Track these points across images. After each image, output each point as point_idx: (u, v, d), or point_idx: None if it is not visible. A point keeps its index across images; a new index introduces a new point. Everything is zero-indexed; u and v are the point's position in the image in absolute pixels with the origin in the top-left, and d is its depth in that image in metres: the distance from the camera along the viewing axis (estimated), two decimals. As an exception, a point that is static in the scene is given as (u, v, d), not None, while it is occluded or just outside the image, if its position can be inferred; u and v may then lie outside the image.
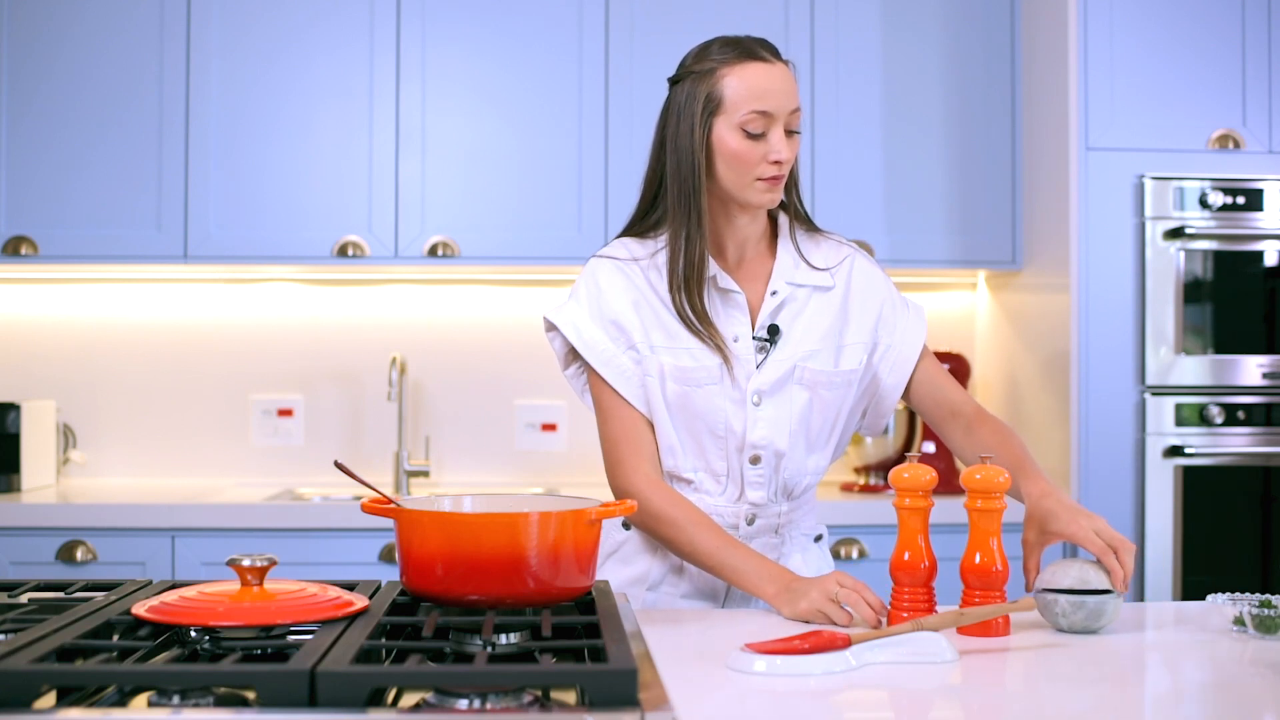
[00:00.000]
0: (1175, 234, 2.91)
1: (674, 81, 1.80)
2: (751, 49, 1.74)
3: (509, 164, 3.13)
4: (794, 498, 1.84)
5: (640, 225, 1.84)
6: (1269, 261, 2.96)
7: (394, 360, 3.22)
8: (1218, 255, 2.94)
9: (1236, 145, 2.94)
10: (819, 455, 1.85)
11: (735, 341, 1.78)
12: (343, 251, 3.09)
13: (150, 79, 3.08)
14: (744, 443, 1.78)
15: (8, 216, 3.07)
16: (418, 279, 3.39)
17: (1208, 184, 2.93)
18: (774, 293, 1.80)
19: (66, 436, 3.33)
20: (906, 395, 1.87)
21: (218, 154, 3.09)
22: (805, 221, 1.88)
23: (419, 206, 3.11)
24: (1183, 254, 2.93)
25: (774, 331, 1.79)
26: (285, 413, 3.39)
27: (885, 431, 1.89)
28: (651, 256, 1.81)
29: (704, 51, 1.77)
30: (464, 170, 3.13)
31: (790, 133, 1.74)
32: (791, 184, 1.85)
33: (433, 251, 3.10)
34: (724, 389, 1.77)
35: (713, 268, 1.79)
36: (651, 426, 1.79)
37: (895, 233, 3.20)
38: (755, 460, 1.78)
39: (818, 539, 1.92)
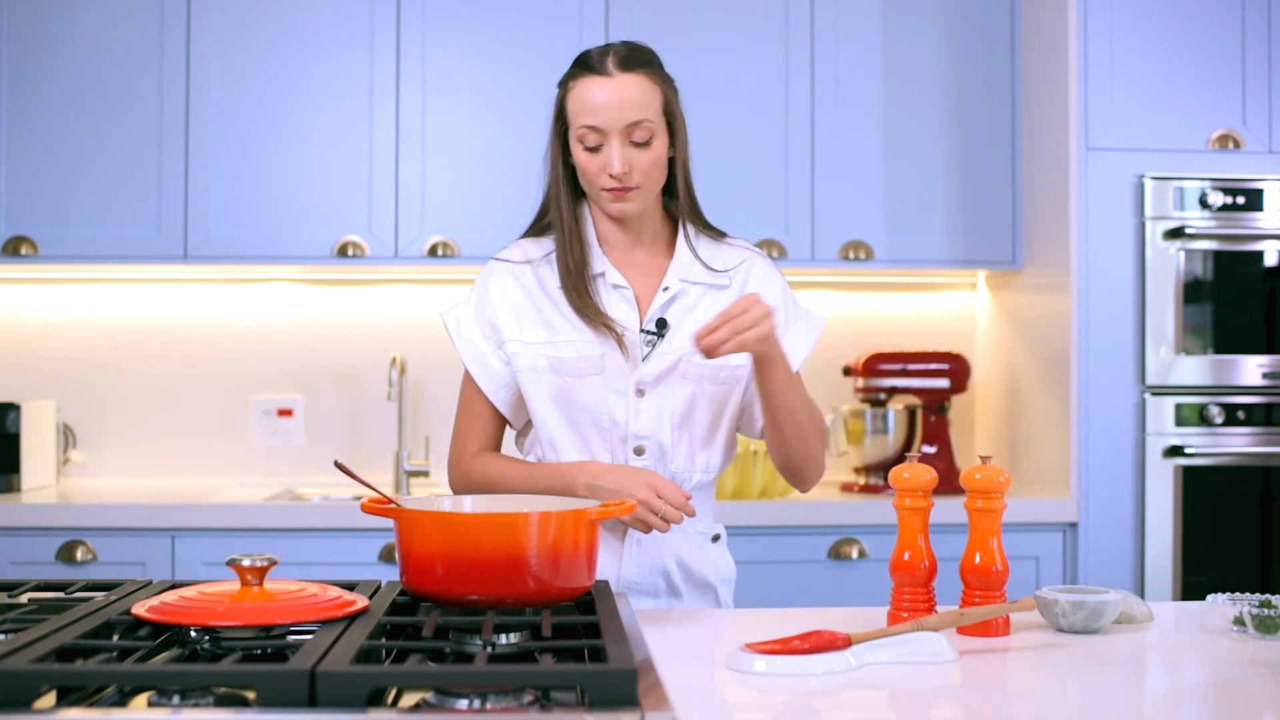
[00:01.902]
0: (1175, 234, 2.91)
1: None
2: (593, 62, 1.79)
3: (509, 164, 3.13)
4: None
5: (537, 226, 1.92)
6: (1269, 261, 2.96)
7: (394, 360, 3.22)
8: (1218, 255, 2.94)
9: (1236, 145, 2.94)
10: (708, 453, 1.87)
11: (623, 335, 1.82)
12: (343, 251, 3.09)
13: (150, 79, 3.08)
14: (627, 434, 1.82)
15: (8, 216, 3.07)
16: (418, 279, 3.39)
17: (1208, 184, 2.93)
18: (666, 288, 1.85)
19: (66, 436, 3.33)
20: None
21: (218, 154, 3.09)
22: (704, 225, 1.92)
23: (419, 206, 3.11)
24: (1183, 254, 2.93)
25: (662, 325, 1.83)
26: (285, 413, 3.39)
27: (760, 435, 1.90)
28: (545, 257, 1.88)
29: (573, 61, 1.84)
30: (464, 170, 3.13)
31: (638, 144, 1.78)
32: (682, 190, 1.88)
33: (433, 251, 3.10)
34: (606, 380, 1.81)
35: (603, 264, 1.85)
36: (501, 426, 1.89)
37: (895, 233, 3.20)
38: (639, 452, 1.82)
39: (715, 538, 1.93)
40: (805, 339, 1.89)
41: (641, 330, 1.83)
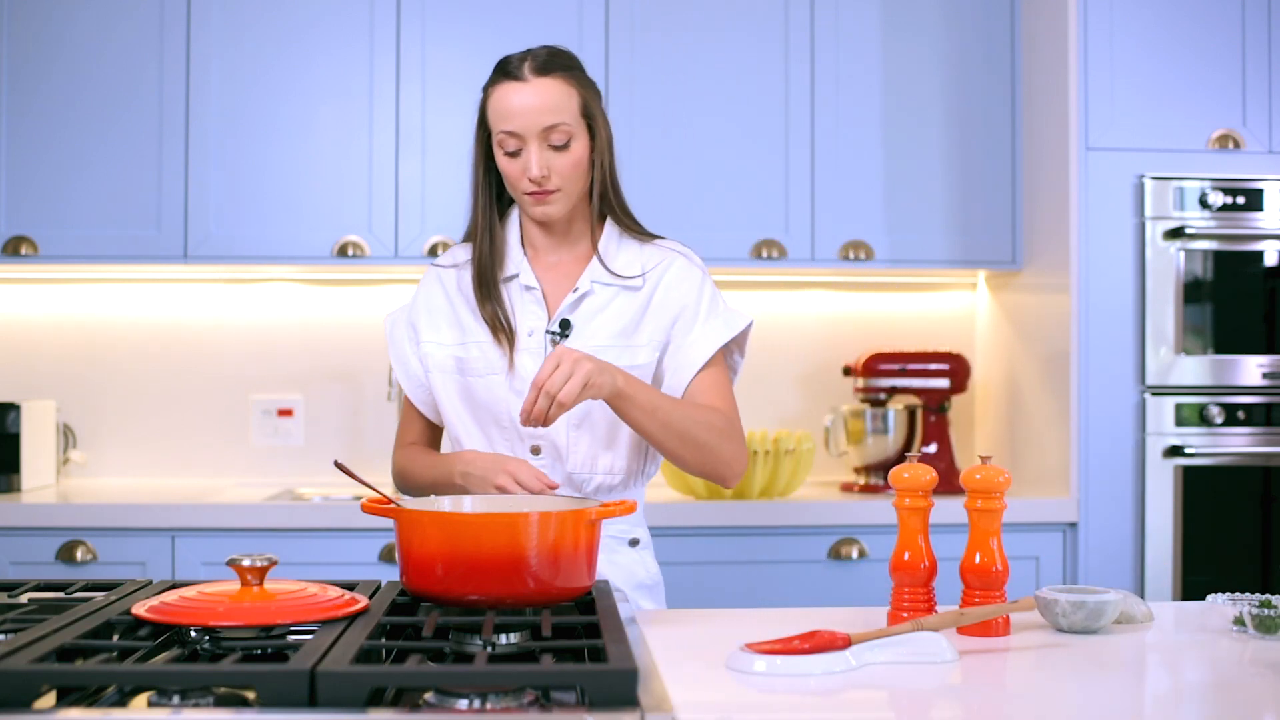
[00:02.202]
0: (1175, 234, 2.91)
1: None
2: (509, 68, 1.82)
3: (509, 164, 3.13)
4: (587, 495, 1.86)
5: (467, 231, 1.96)
6: (1269, 261, 2.96)
7: (394, 360, 3.21)
8: (1218, 255, 2.94)
9: (1236, 145, 2.94)
10: (612, 455, 1.87)
11: (529, 335, 1.86)
12: (343, 251, 3.09)
13: (150, 79, 3.08)
14: (524, 432, 1.85)
15: (8, 216, 3.07)
16: (418, 279, 3.38)
17: (1208, 184, 2.93)
18: (575, 289, 1.87)
19: (66, 436, 3.33)
20: None
21: (218, 154, 3.09)
22: (631, 226, 1.92)
23: (419, 206, 3.11)
24: (1183, 254, 2.93)
25: (565, 326, 1.86)
26: (285, 413, 3.39)
27: None
28: (462, 255, 1.94)
29: (494, 68, 1.86)
30: (464, 170, 3.10)
31: (557, 147, 1.80)
32: (597, 191, 1.88)
33: (433, 251, 3.10)
34: (507, 380, 1.85)
35: (517, 266, 1.89)
36: (425, 420, 1.98)
37: (895, 233, 3.20)
38: (536, 451, 1.86)
39: (634, 542, 1.92)
40: (713, 336, 1.88)
41: (546, 331, 1.86)
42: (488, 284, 1.87)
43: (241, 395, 3.39)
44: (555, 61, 1.82)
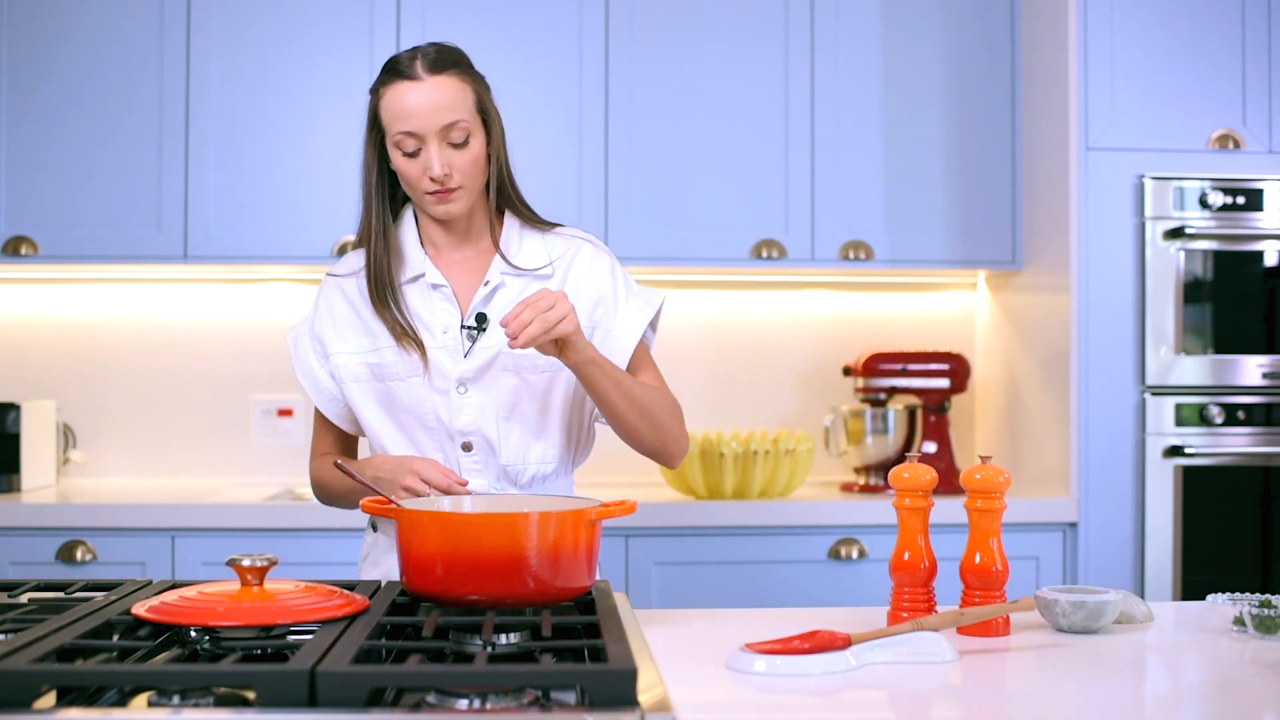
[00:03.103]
0: (1175, 234, 2.91)
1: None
2: (401, 67, 1.80)
3: (509, 164, 3.13)
4: (522, 486, 1.86)
5: (360, 236, 1.93)
6: (1269, 261, 2.96)
7: (394, 360, 3.21)
8: (1218, 255, 2.94)
9: (1236, 145, 2.94)
10: (543, 444, 1.87)
11: (444, 333, 1.85)
12: (342, 251, 3.09)
13: (150, 79, 3.08)
14: (452, 431, 1.84)
15: (8, 216, 3.07)
16: (418, 279, 3.38)
17: (1208, 184, 2.93)
18: (486, 283, 1.86)
19: (66, 436, 3.33)
20: None
21: (218, 154, 3.09)
22: (530, 217, 1.92)
23: (419, 206, 3.11)
24: (1183, 254, 2.93)
25: (481, 320, 1.85)
26: (285, 413, 3.39)
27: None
28: (359, 263, 1.90)
29: (382, 67, 1.84)
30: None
31: (456, 145, 1.79)
32: (494, 184, 1.87)
33: (433, 251, 3.09)
34: (429, 380, 1.84)
35: (421, 266, 1.87)
36: (337, 430, 1.95)
37: (895, 233, 3.20)
38: (468, 448, 1.85)
39: None
40: (638, 317, 1.90)
41: (462, 326, 1.85)
42: (384, 288, 1.84)
43: (241, 395, 3.39)
44: (446, 58, 1.81)
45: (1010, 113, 3.22)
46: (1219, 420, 2.92)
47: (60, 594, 1.53)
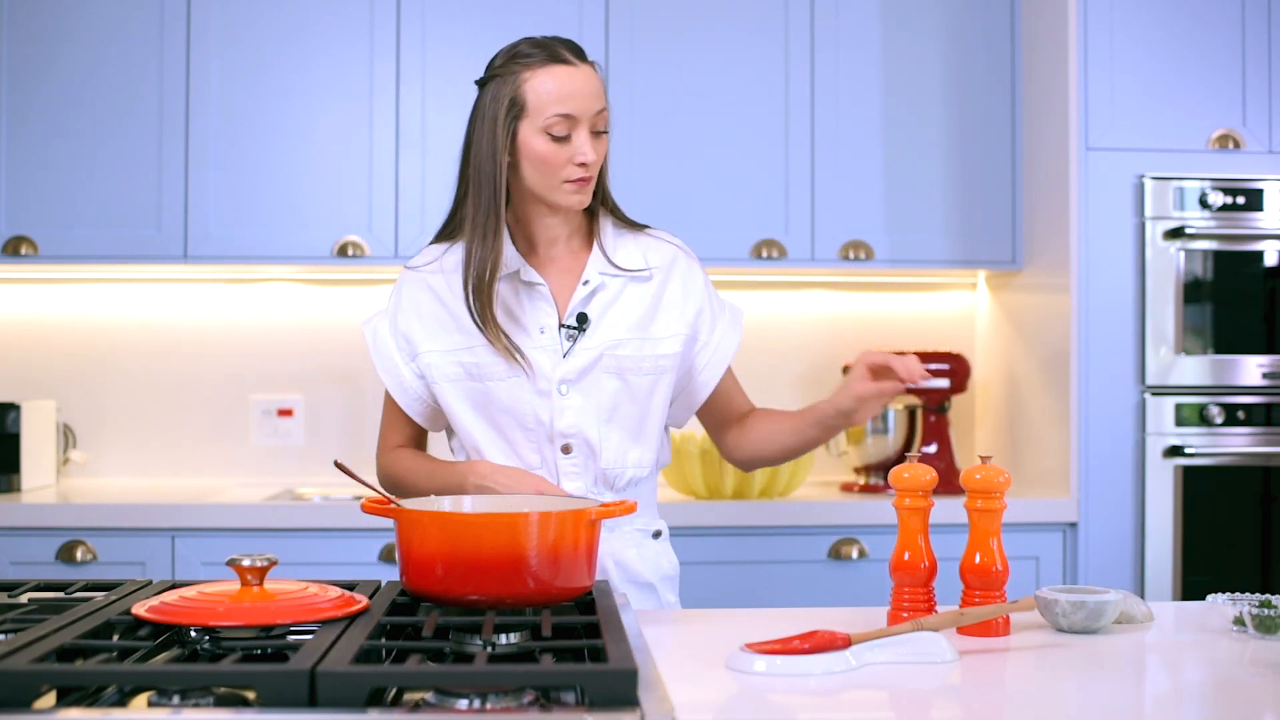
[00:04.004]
0: (1175, 234, 2.91)
1: (481, 84, 1.83)
2: (555, 51, 1.77)
3: (509, 164, 3.13)
4: (618, 490, 1.85)
5: (448, 228, 1.89)
6: (1269, 261, 2.96)
7: (394, 360, 3.21)
8: (1218, 255, 2.94)
9: (1236, 145, 2.94)
10: (640, 448, 1.85)
11: (542, 333, 1.81)
12: (343, 251, 3.09)
13: (150, 80, 3.08)
14: (553, 432, 1.80)
15: (8, 216, 3.07)
16: (418, 279, 3.38)
17: (1208, 184, 2.93)
18: (585, 282, 1.83)
19: (66, 436, 3.33)
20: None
21: (218, 154, 3.09)
22: (622, 218, 1.91)
23: (419, 206, 3.11)
24: (1183, 254, 2.93)
25: (582, 320, 1.82)
26: (285, 413, 3.39)
27: (682, 425, 1.95)
28: (446, 256, 1.86)
29: (509, 54, 1.80)
30: (464, 170, 3.12)
31: (598, 133, 1.78)
32: (603, 181, 1.87)
33: (433, 251, 3.09)
34: (527, 381, 1.80)
35: (517, 263, 1.82)
36: (413, 424, 1.90)
37: (895, 233, 3.20)
38: (567, 450, 1.81)
39: (656, 534, 1.92)
40: (733, 330, 1.92)
41: (562, 326, 1.82)
42: (489, 290, 1.78)
43: (241, 395, 3.39)
44: (582, 50, 1.81)
45: (1010, 113, 3.22)
46: (1219, 420, 2.92)
47: (60, 594, 1.53)
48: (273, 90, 3.11)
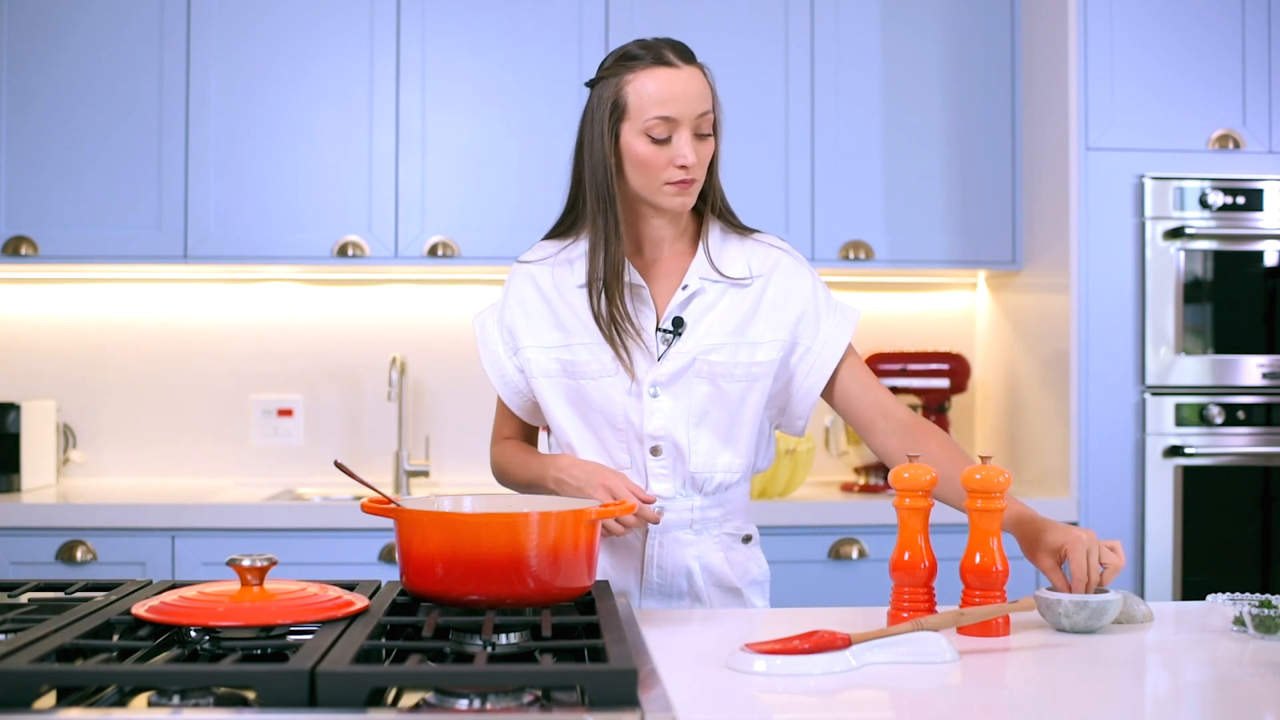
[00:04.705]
0: (1175, 234, 2.91)
1: (590, 85, 1.82)
2: (658, 53, 1.76)
3: (509, 164, 3.13)
4: (707, 494, 1.84)
5: (560, 226, 1.89)
6: (1269, 261, 2.96)
7: (394, 360, 3.22)
8: (1218, 255, 2.94)
9: (1236, 145, 2.94)
10: (731, 453, 1.84)
11: (640, 335, 1.81)
12: (343, 251, 3.09)
13: (150, 79, 3.08)
14: (642, 434, 1.81)
15: (8, 216, 3.07)
16: (418, 279, 3.39)
17: (1208, 184, 2.93)
18: (685, 286, 1.83)
19: (66, 436, 3.33)
20: (830, 398, 1.88)
21: (218, 154, 3.09)
22: (732, 221, 1.89)
23: (419, 206, 3.11)
24: (1183, 254, 2.93)
25: (678, 324, 1.82)
26: (285, 413, 3.39)
27: (801, 433, 1.93)
28: (559, 254, 1.86)
29: (618, 56, 1.79)
30: (464, 170, 3.13)
31: (703, 135, 1.77)
32: (712, 184, 1.86)
33: (432, 251, 3.10)
34: (620, 381, 1.80)
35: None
36: (523, 422, 1.93)
37: (895, 233, 3.20)
38: (656, 452, 1.81)
39: (746, 539, 1.92)
40: (841, 332, 1.86)
41: (658, 329, 1.81)
42: (618, 289, 1.78)
43: (241, 395, 3.39)
44: (690, 52, 1.80)
45: (1010, 113, 3.22)
46: (1219, 420, 2.92)
47: (60, 594, 1.53)
48: (273, 90, 3.11)
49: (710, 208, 1.87)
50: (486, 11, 3.13)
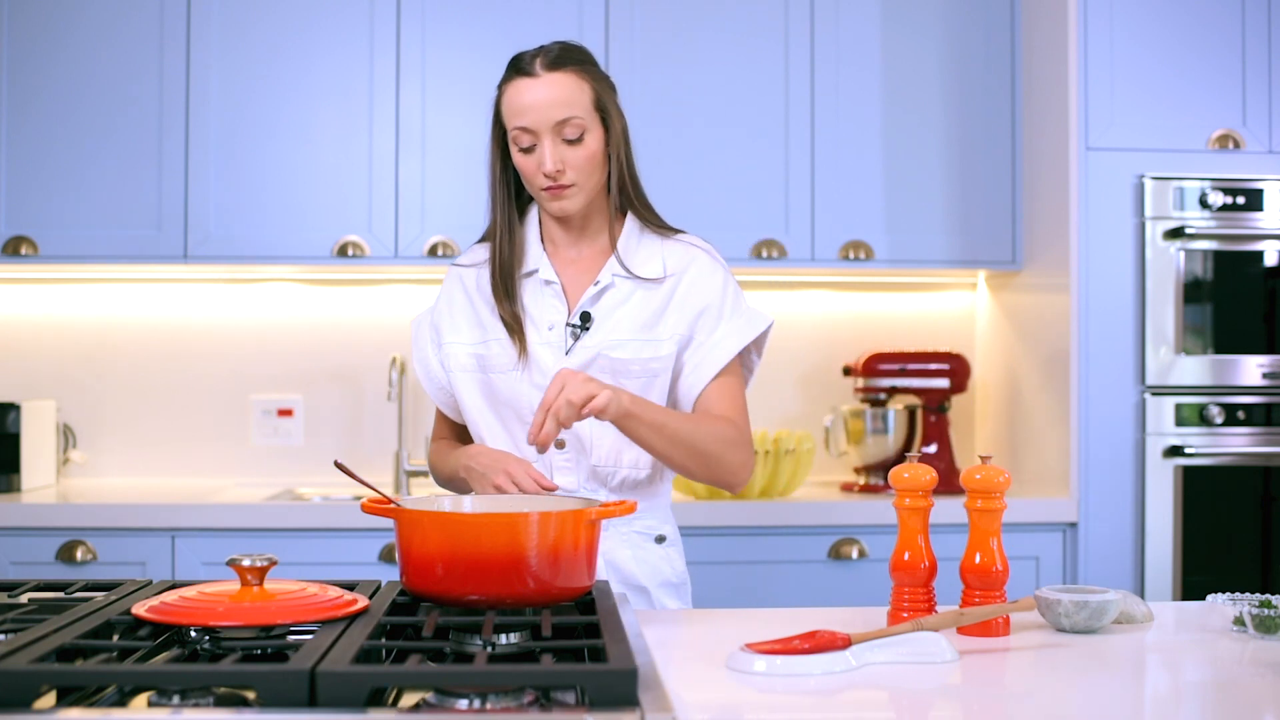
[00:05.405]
0: (1175, 234, 2.91)
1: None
2: (520, 64, 1.83)
3: (509, 164, 3.13)
4: (612, 488, 1.87)
5: (487, 229, 1.97)
6: (1269, 261, 2.96)
7: (394, 360, 3.22)
8: (1218, 255, 2.94)
9: (1236, 145, 2.94)
10: (637, 450, 1.85)
11: (550, 329, 1.86)
12: (343, 251, 3.09)
13: (150, 79, 3.08)
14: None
15: (8, 216, 3.07)
16: (418, 279, 3.39)
17: (1208, 184, 2.93)
18: (596, 283, 1.87)
19: (66, 436, 3.33)
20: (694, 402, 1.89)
21: (218, 154, 3.09)
22: (651, 220, 1.92)
23: (419, 206, 3.11)
24: (1183, 254, 2.93)
25: (585, 319, 1.86)
26: (285, 413, 3.39)
27: None
28: (485, 257, 1.94)
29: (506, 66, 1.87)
30: (464, 170, 3.13)
31: (570, 141, 1.80)
32: (627, 186, 1.89)
33: (433, 251, 3.10)
34: (528, 375, 1.86)
35: (538, 262, 1.89)
36: (455, 423, 2.00)
37: (895, 233, 3.20)
38: (560, 445, 1.86)
39: (660, 539, 1.92)
40: (736, 335, 1.88)
41: (567, 324, 1.86)
42: (506, 281, 1.88)
43: (241, 395, 3.39)
44: (567, 56, 1.82)
45: (1010, 113, 3.22)
46: (1219, 420, 2.92)
47: (60, 594, 1.53)
48: (273, 90, 3.11)
49: (629, 206, 1.91)
50: (486, 11, 3.13)
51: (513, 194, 1.92)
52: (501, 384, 1.87)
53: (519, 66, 1.82)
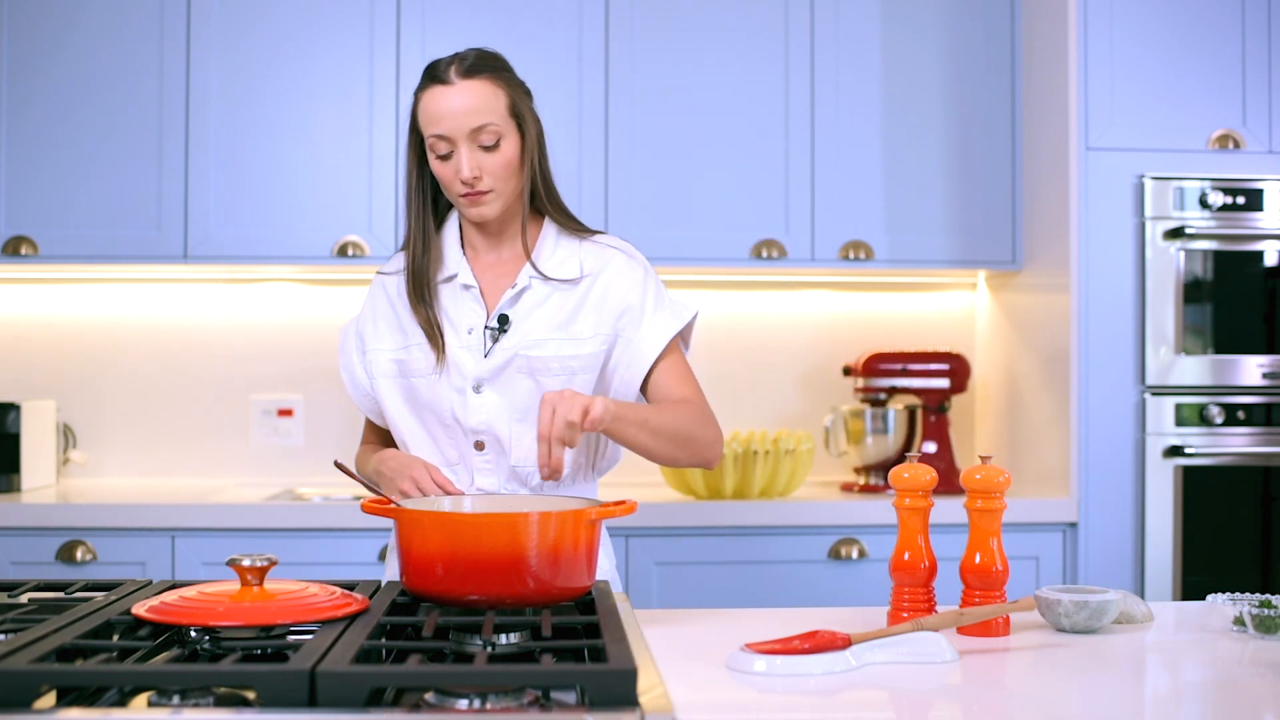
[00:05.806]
0: (1175, 234, 2.91)
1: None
2: (434, 71, 1.85)
3: (509, 164, 3.13)
4: (533, 488, 1.88)
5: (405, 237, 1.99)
6: (1269, 261, 2.96)
7: (394, 360, 3.21)
8: (1218, 255, 2.94)
9: (1236, 145, 2.94)
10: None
11: (469, 333, 1.88)
12: (343, 251, 3.09)
13: (150, 79, 3.08)
14: (466, 429, 1.87)
15: (8, 216, 3.07)
16: (418, 279, 3.38)
17: (1208, 184, 2.93)
18: (514, 285, 1.89)
19: (66, 436, 3.33)
20: (645, 394, 1.91)
21: (218, 154, 3.09)
22: (570, 224, 1.94)
23: (419, 206, 3.11)
24: (1183, 254, 2.93)
25: (503, 321, 1.88)
26: (285, 413, 3.39)
27: None
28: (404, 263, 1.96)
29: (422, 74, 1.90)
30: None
31: (487, 148, 1.82)
32: (540, 190, 1.91)
33: (433, 251, 3.09)
34: (448, 379, 1.87)
35: (457, 267, 1.91)
36: (380, 429, 2.01)
37: (895, 233, 3.20)
38: (480, 446, 1.88)
39: None
40: (663, 328, 1.89)
41: (485, 327, 1.88)
42: (421, 287, 1.90)
43: (241, 395, 3.39)
44: (482, 63, 1.84)
45: (1010, 113, 3.22)
46: (1219, 420, 2.92)
47: (60, 594, 1.53)
48: (273, 90, 3.11)
49: (544, 210, 1.93)
50: (486, 11, 3.13)
51: (429, 200, 1.93)
52: (422, 388, 1.89)
53: (434, 74, 1.83)
